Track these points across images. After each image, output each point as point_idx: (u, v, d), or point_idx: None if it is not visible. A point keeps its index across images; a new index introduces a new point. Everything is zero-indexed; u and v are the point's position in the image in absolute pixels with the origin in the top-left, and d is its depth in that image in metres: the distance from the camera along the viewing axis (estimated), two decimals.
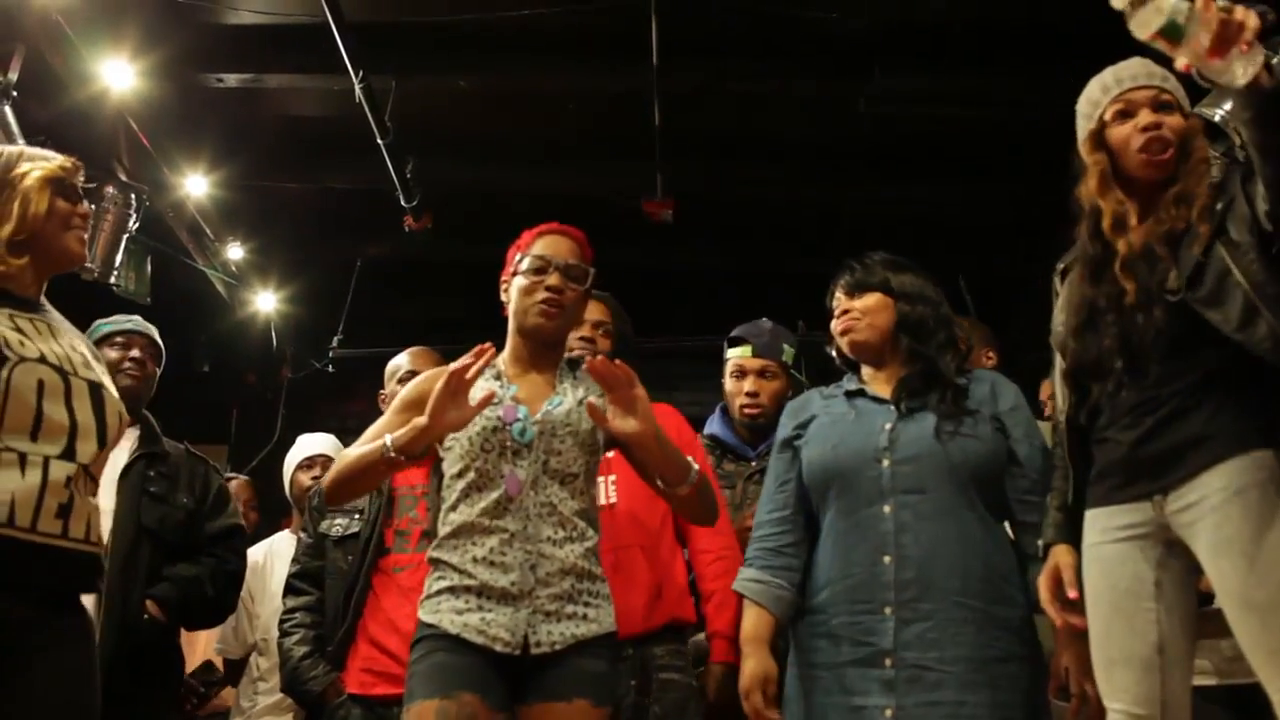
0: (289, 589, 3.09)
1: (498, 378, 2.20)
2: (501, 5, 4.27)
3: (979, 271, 5.81)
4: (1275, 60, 1.77)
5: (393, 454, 2.03)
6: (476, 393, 2.10)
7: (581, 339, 2.71)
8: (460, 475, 2.13)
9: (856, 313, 2.35)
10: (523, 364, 2.24)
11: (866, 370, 2.40)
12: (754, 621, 2.25)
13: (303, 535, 3.16)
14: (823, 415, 2.36)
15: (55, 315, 2.18)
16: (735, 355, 2.97)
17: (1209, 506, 1.86)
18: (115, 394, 2.14)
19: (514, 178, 5.58)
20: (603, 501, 2.55)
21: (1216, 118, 3.39)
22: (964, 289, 6.02)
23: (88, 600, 2.08)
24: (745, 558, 2.36)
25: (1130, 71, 2.12)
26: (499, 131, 5.31)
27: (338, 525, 2.99)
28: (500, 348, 2.25)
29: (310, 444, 3.87)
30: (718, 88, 4.90)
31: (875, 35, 4.54)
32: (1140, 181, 2.06)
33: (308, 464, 3.80)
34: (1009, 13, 4.41)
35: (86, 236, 2.19)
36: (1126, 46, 1.94)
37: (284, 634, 3.03)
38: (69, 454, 1.98)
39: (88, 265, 4.07)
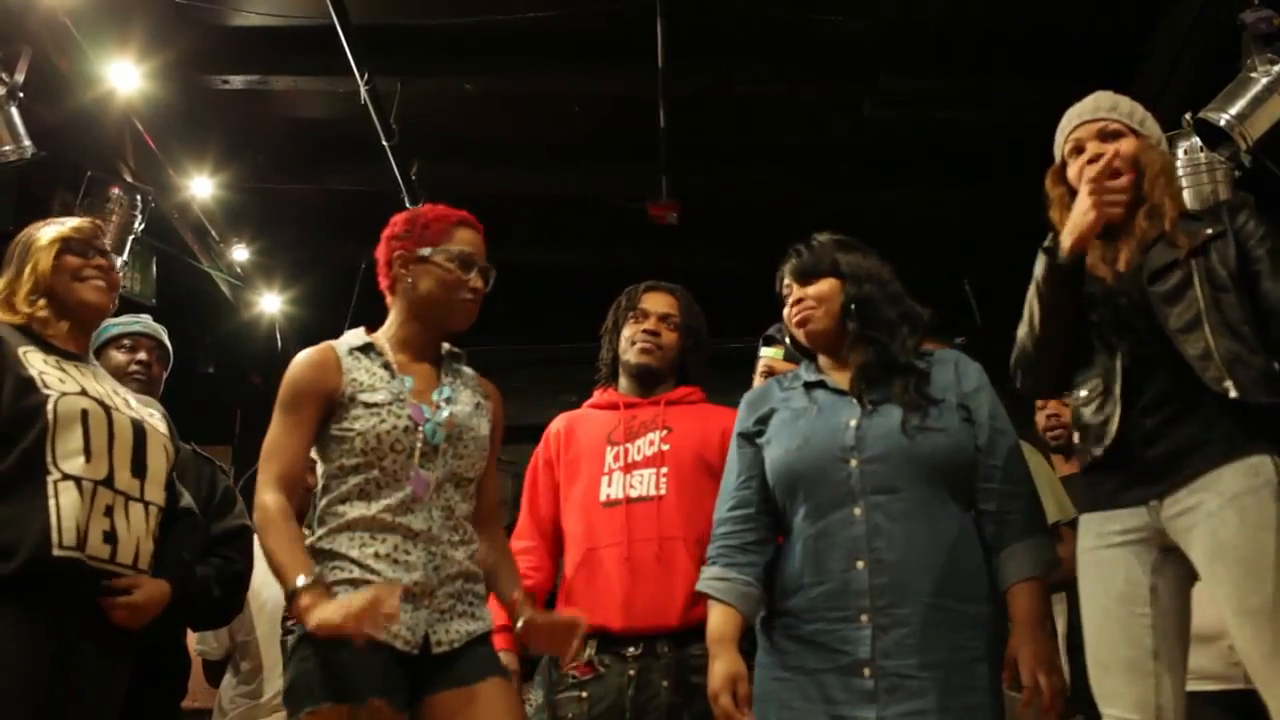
0: None
1: (386, 366, 2.15)
2: (507, 8, 4.28)
3: (983, 274, 5.81)
4: None
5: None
6: (372, 380, 2.10)
7: (645, 332, 2.68)
8: (357, 470, 2.06)
9: (811, 300, 2.27)
10: (411, 352, 2.19)
11: (824, 359, 2.33)
12: (720, 620, 2.17)
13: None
14: (783, 409, 2.28)
15: (101, 369, 2.38)
16: (768, 355, 2.93)
17: (1205, 512, 1.87)
18: (162, 429, 2.35)
19: (519, 180, 5.58)
20: (653, 492, 2.53)
21: (1222, 122, 3.41)
22: (969, 292, 6.02)
23: None
24: (708, 555, 2.27)
25: (1079, 109, 2.20)
26: (504, 134, 5.32)
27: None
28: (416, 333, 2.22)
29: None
30: (723, 91, 4.91)
31: (879, 39, 4.54)
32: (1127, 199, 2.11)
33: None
34: (1012, 16, 4.42)
35: (109, 288, 2.35)
36: (1127, 48, 1.95)
37: (287, 631, 3.02)
38: (109, 482, 2.14)
39: None
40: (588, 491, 2.58)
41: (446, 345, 2.27)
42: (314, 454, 2.16)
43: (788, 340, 2.43)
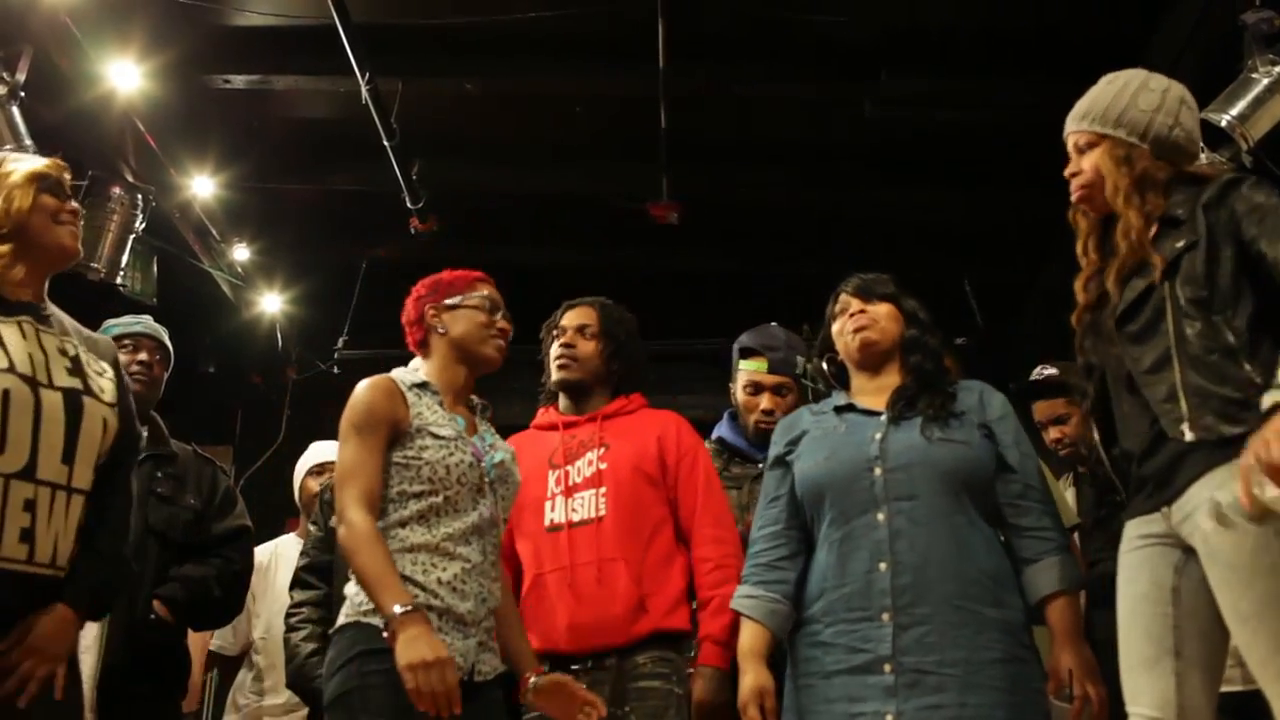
0: (297, 582, 3.09)
1: (441, 405, 2.27)
2: (508, 8, 4.28)
3: (983, 275, 5.81)
4: None
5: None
6: (436, 416, 2.22)
7: (561, 345, 2.72)
8: (421, 496, 2.17)
9: (870, 315, 2.37)
10: (453, 395, 2.32)
11: (858, 381, 2.41)
12: (750, 636, 2.26)
13: (312, 529, 3.16)
14: (813, 430, 2.37)
15: (56, 316, 2.13)
16: (750, 369, 2.93)
17: (1198, 520, 1.88)
18: (106, 397, 2.08)
19: (519, 180, 5.59)
20: (592, 515, 2.58)
21: (1223, 123, 3.41)
22: (969, 294, 6.02)
23: None
24: (741, 575, 2.37)
25: (1070, 115, 2.20)
26: (505, 134, 5.32)
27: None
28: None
29: (322, 451, 3.86)
30: (724, 91, 4.91)
31: (881, 40, 4.54)
32: (1095, 215, 2.15)
33: (318, 470, 3.78)
34: (1013, 17, 4.42)
35: (78, 231, 2.14)
36: (1128, 50, 1.95)
37: (291, 629, 3.03)
38: (28, 472, 1.91)
39: (94, 265, 4.08)
40: (533, 517, 2.64)
41: (475, 397, 2.40)
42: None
43: (823, 361, 2.49)
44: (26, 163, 2.12)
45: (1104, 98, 2.15)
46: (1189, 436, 1.89)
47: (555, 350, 2.74)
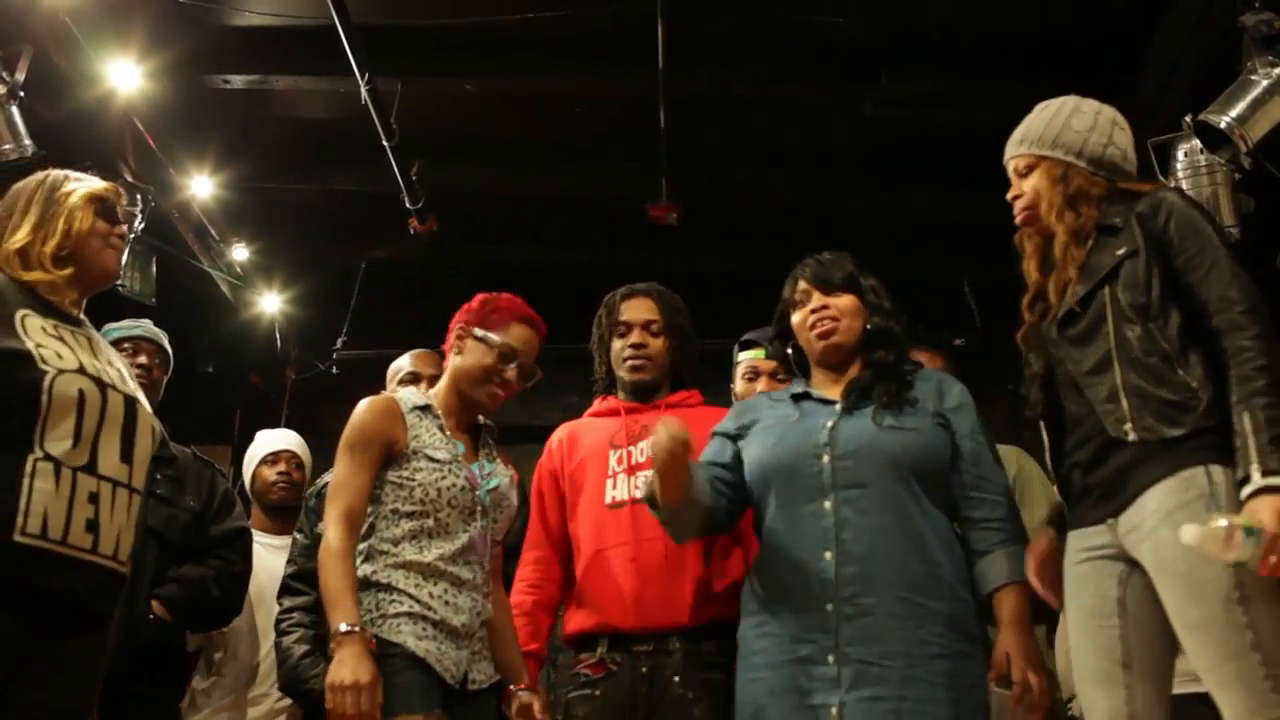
0: (285, 589, 3.09)
1: (441, 429, 2.32)
2: (507, 9, 4.27)
3: (982, 276, 5.81)
4: None
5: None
6: (433, 439, 2.28)
7: (633, 347, 2.67)
8: (412, 516, 2.23)
9: (835, 312, 2.33)
10: (456, 418, 2.38)
11: (820, 374, 2.38)
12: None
13: (298, 536, 3.16)
14: (766, 417, 2.35)
15: (94, 332, 2.25)
16: (748, 358, 2.93)
17: (1146, 530, 1.91)
18: (149, 409, 2.21)
19: (519, 181, 5.58)
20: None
21: (1222, 124, 3.41)
22: (968, 294, 6.02)
23: None
24: None
25: (1008, 143, 2.28)
26: (504, 135, 5.31)
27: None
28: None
29: (272, 440, 3.84)
30: (723, 92, 4.90)
31: (881, 40, 4.54)
32: (1039, 236, 2.22)
33: (272, 459, 3.77)
34: (1013, 19, 4.41)
35: (123, 255, 2.31)
36: (1128, 51, 1.96)
37: (282, 633, 3.03)
38: (90, 467, 2.02)
39: None
40: (593, 495, 2.59)
41: (483, 418, 2.45)
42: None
43: (786, 347, 2.44)
44: (85, 184, 2.22)
45: (1039, 123, 2.22)
46: (1131, 436, 1.92)
47: (625, 350, 2.68)
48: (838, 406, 2.27)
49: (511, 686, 2.34)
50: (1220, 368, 1.90)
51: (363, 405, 2.30)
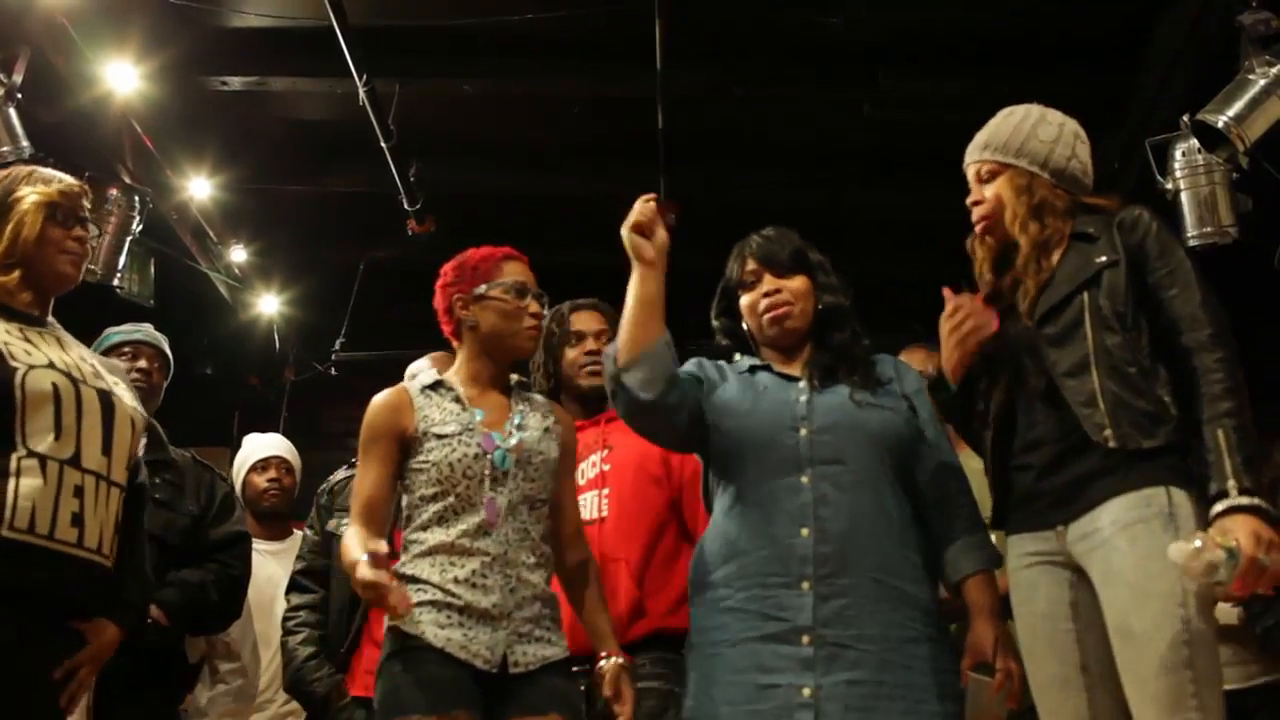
0: (294, 585, 3.09)
1: (456, 400, 2.25)
2: (505, 9, 4.28)
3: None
4: None
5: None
6: (443, 414, 2.21)
7: (589, 354, 2.70)
8: (435, 499, 2.17)
9: (788, 295, 2.26)
10: (481, 385, 2.29)
11: (769, 353, 2.31)
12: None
13: (308, 533, 3.16)
14: (732, 382, 2.25)
15: (63, 332, 2.22)
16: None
17: (1100, 539, 1.92)
18: (128, 401, 2.18)
19: (517, 181, 5.58)
20: (595, 516, 2.57)
21: (1220, 124, 3.41)
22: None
23: None
24: None
25: (970, 147, 2.28)
26: (502, 135, 5.31)
27: (345, 524, 2.99)
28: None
29: (261, 446, 3.83)
30: (722, 92, 4.90)
31: (879, 40, 4.54)
32: (995, 243, 2.20)
33: (262, 466, 3.76)
34: (1012, 18, 4.41)
35: (82, 259, 2.22)
36: (1126, 50, 1.96)
37: (288, 633, 3.02)
38: (75, 461, 2.00)
39: (91, 268, 4.07)
40: None
41: (515, 376, 2.37)
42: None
43: (737, 325, 2.38)
44: (38, 189, 2.16)
45: (1004, 129, 2.21)
46: (1112, 443, 1.92)
47: (582, 358, 2.72)
48: (802, 383, 2.21)
49: (599, 655, 2.21)
50: (1183, 385, 1.93)
51: (372, 401, 2.28)
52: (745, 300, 2.31)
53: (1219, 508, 1.80)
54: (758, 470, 2.15)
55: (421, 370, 3.11)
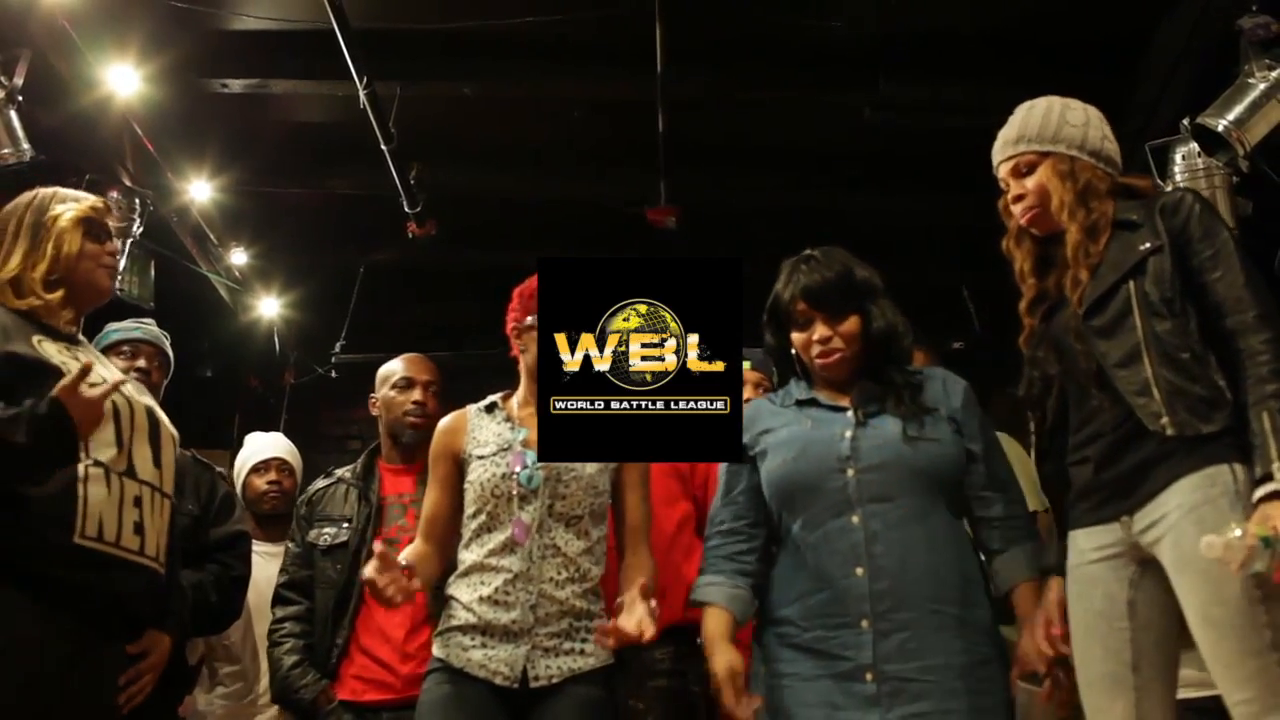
0: (278, 599, 3.09)
1: (506, 420, 2.34)
2: (506, 12, 4.28)
3: (981, 281, 5.81)
4: None
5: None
6: (488, 435, 2.30)
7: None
8: (473, 516, 2.27)
9: (840, 341, 2.25)
10: (533, 405, 2.31)
11: (821, 383, 2.32)
12: (714, 620, 2.19)
13: (290, 545, 3.15)
14: (778, 427, 2.28)
15: (92, 348, 2.32)
16: None
17: (1168, 525, 1.89)
18: (165, 418, 2.30)
19: (518, 184, 5.58)
20: None
21: (1220, 127, 3.41)
22: (967, 299, 6.02)
23: None
24: (700, 568, 2.30)
25: (998, 145, 2.24)
26: (503, 138, 5.31)
27: (325, 534, 3.00)
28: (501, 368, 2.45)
29: (261, 447, 3.83)
30: (722, 96, 4.90)
31: (880, 44, 4.54)
32: (1038, 236, 2.18)
33: (262, 468, 3.76)
34: (1011, 22, 4.42)
35: (115, 273, 2.33)
36: (1126, 54, 1.96)
37: (273, 644, 3.02)
38: (131, 472, 2.10)
39: None
40: None
41: None
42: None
43: (787, 348, 2.37)
44: (73, 204, 2.24)
45: (1034, 119, 2.19)
46: (1170, 430, 1.90)
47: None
48: (849, 414, 2.22)
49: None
50: (1232, 368, 1.91)
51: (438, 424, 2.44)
52: (797, 338, 2.31)
53: (1261, 492, 1.78)
54: (810, 513, 2.19)
55: (395, 373, 3.15)
